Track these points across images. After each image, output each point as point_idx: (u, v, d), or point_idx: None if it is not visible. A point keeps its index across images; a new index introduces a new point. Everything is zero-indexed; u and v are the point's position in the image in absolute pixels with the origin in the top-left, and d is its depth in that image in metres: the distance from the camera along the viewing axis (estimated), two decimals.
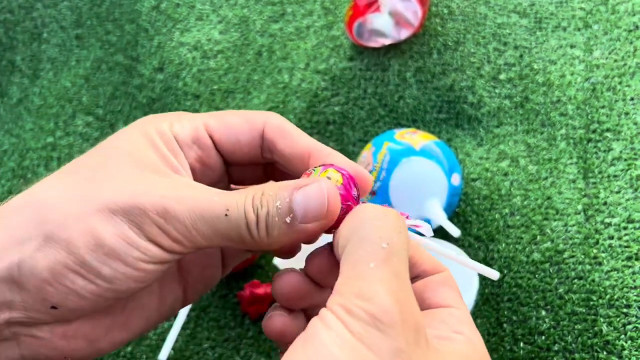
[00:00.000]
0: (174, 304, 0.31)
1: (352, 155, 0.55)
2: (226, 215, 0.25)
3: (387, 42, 0.56)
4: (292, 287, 0.27)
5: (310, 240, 0.27)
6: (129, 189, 0.25)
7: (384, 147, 0.48)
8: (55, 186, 0.26)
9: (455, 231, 0.45)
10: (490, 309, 0.47)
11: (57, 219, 0.25)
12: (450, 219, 0.49)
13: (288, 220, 0.25)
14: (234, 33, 0.63)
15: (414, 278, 0.28)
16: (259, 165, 0.32)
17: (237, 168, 0.31)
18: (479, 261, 0.48)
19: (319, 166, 0.28)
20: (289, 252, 0.30)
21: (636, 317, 0.43)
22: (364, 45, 0.56)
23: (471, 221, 0.50)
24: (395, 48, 0.57)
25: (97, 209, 0.25)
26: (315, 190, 0.25)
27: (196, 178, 0.30)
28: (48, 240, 0.24)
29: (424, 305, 0.27)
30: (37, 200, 0.25)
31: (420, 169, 0.47)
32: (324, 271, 0.27)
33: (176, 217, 0.25)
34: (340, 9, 0.61)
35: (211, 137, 0.29)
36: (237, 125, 0.29)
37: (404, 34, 0.55)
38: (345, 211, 0.26)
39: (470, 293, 0.44)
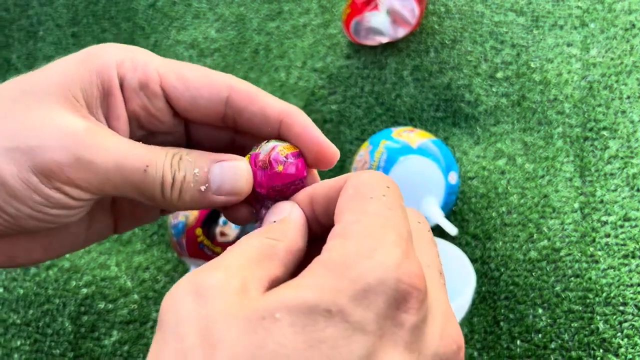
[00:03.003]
0: (103, 232, 0.31)
1: (349, 154, 0.55)
2: (145, 171, 0.25)
3: (384, 40, 0.56)
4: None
5: (216, 207, 0.28)
6: (43, 128, 0.25)
7: (381, 146, 0.48)
8: None
9: (452, 229, 0.45)
10: (487, 307, 0.47)
11: None
12: (448, 217, 0.49)
13: (202, 189, 0.26)
14: (231, 31, 0.62)
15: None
16: (224, 130, 0.31)
17: (197, 128, 0.31)
18: (476, 259, 0.48)
19: (273, 140, 0.28)
20: (244, 220, 0.30)
21: (632, 315, 0.43)
22: (361, 43, 0.56)
23: (468, 219, 0.50)
24: (392, 46, 0.57)
25: (4, 147, 0.24)
26: (232, 168, 0.27)
27: (141, 125, 0.29)
28: None
29: None
30: None
31: (418, 168, 0.47)
32: None
33: (88, 166, 0.24)
34: (337, 7, 0.61)
35: (164, 90, 0.28)
36: (197, 85, 0.28)
37: (401, 32, 0.55)
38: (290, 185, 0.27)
39: (467, 291, 0.44)
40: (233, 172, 0.27)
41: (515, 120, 0.53)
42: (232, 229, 0.48)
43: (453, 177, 0.48)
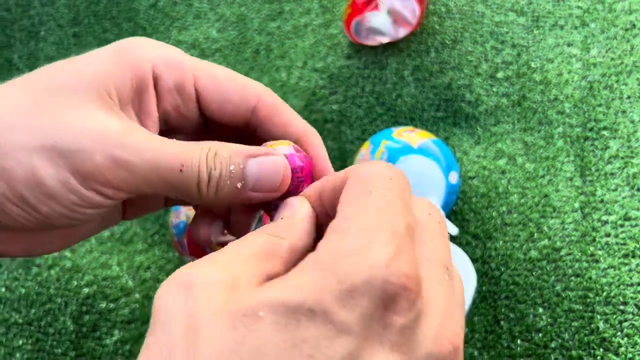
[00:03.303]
0: (114, 218, 0.31)
1: (350, 154, 0.55)
2: (181, 171, 0.25)
3: (384, 40, 0.56)
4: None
5: (253, 203, 0.27)
6: (79, 128, 0.24)
7: (382, 146, 0.48)
8: (6, 103, 0.25)
9: (453, 229, 0.46)
10: (487, 306, 0.47)
11: (0, 145, 0.24)
12: (448, 217, 0.49)
13: (239, 185, 0.26)
14: (232, 31, 0.62)
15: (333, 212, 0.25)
16: (242, 130, 0.31)
17: (217, 125, 0.31)
18: (477, 259, 0.48)
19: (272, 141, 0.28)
20: (244, 228, 0.30)
21: (633, 314, 0.43)
22: (362, 43, 0.56)
23: (469, 219, 0.50)
24: (392, 46, 0.57)
25: (41, 145, 0.24)
26: (270, 163, 0.26)
27: (167, 124, 0.29)
28: None
29: None
30: None
31: (418, 167, 0.47)
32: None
33: (125, 167, 0.24)
34: (338, 7, 0.61)
35: (197, 91, 0.29)
36: (229, 90, 0.29)
37: (402, 32, 0.55)
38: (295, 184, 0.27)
39: (468, 291, 0.44)
40: (270, 168, 0.26)
41: (516, 120, 0.53)
42: None
43: (454, 177, 0.48)
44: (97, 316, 0.52)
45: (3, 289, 0.55)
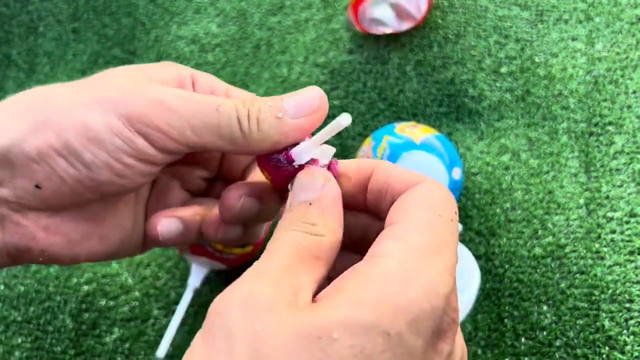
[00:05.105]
0: (143, 238, 0.33)
1: (352, 150, 0.54)
2: (217, 110, 0.27)
3: (388, 30, 0.55)
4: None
5: (298, 139, 0.28)
6: (124, 84, 0.27)
7: (384, 141, 0.47)
8: (57, 87, 0.28)
9: None
10: (491, 304, 0.46)
11: (54, 108, 0.26)
12: None
13: (280, 115, 0.27)
14: (232, 26, 0.62)
15: (389, 205, 0.26)
16: None
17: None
18: (480, 256, 0.48)
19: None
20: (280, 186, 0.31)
21: (639, 312, 0.43)
22: (367, 31, 0.56)
23: (472, 216, 0.49)
24: (395, 41, 0.57)
25: (89, 100, 0.26)
26: (305, 91, 0.27)
27: None
28: (42, 124, 0.26)
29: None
30: (40, 93, 0.27)
31: (421, 163, 0.46)
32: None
33: (168, 107, 0.26)
34: (339, 1, 0.60)
35: (194, 87, 0.32)
36: (246, 95, 0.32)
37: (406, 25, 0.55)
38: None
39: (471, 288, 0.44)
40: (307, 95, 0.27)
41: (520, 115, 0.52)
42: None
43: (457, 173, 0.47)
44: (97, 314, 0.52)
45: (2, 287, 0.54)
